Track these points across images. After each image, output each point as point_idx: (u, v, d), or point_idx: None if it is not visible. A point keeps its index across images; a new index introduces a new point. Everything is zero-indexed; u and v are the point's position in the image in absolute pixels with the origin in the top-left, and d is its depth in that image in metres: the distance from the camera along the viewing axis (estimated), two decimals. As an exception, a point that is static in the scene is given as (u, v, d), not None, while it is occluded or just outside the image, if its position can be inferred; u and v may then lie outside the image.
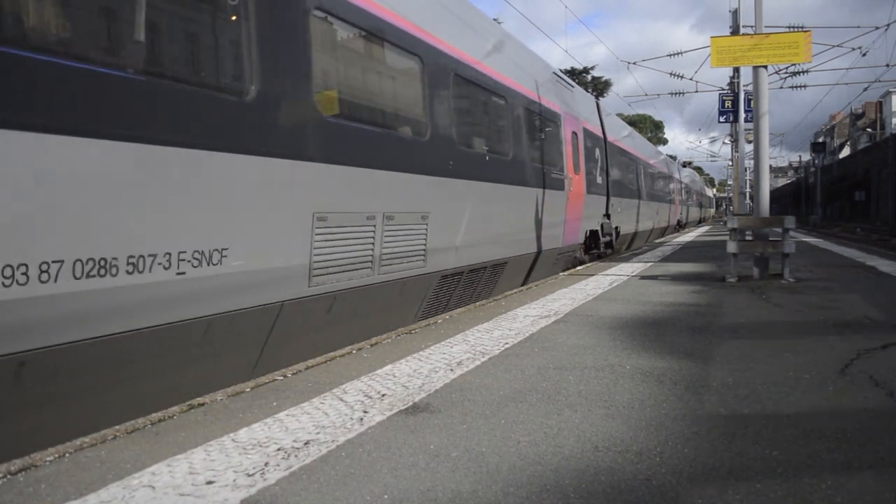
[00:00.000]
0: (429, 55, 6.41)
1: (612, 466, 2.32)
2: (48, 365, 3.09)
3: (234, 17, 4.10)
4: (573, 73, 43.71)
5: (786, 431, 2.65)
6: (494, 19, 9.77)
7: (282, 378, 3.69)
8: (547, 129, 10.16)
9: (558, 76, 12.09)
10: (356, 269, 5.20)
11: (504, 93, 8.47)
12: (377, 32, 5.65)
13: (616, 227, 14.77)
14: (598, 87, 49.04)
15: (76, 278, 3.03)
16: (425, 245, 6.25)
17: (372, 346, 4.58)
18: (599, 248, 13.38)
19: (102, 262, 3.16)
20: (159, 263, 3.46)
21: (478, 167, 7.42)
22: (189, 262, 3.64)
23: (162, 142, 3.50)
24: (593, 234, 12.98)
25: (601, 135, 14.12)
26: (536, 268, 9.91)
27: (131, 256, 3.30)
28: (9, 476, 2.31)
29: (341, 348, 4.51)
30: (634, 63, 23.17)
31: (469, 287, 7.63)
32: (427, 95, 6.39)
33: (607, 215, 13.99)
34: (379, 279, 5.54)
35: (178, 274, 3.57)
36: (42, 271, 2.89)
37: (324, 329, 5.11)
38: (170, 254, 3.52)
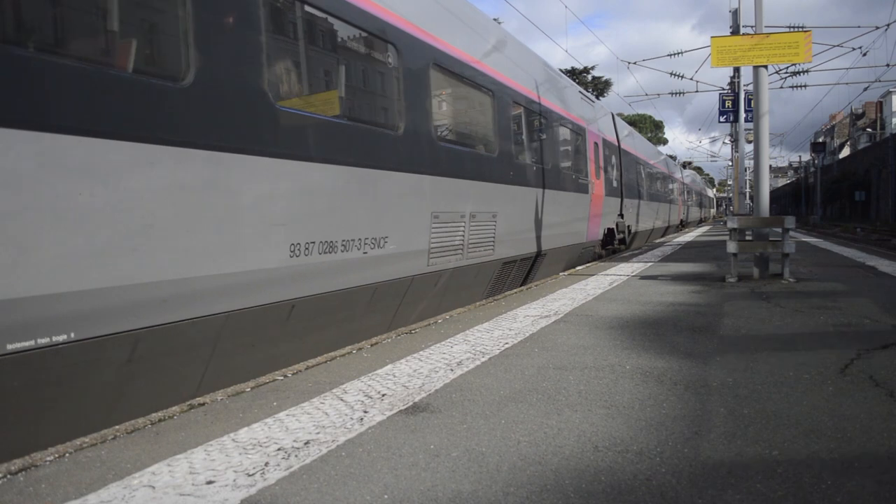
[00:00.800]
0: (500, 91, 8.41)
1: (612, 466, 2.32)
2: (307, 309, 4.83)
3: (395, 90, 6.06)
4: (573, 73, 43.70)
5: (786, 431, 2.65)
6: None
7: (282, 378, 3.69)
8: (576, 142, 12.11)
9: (583, 94, 13.92)
10: (453, 255, 7.00)
11: (547, 115, 10.34)
12: (481, 84, 7.93)
13: (628, 226, 16.32)
14: (598, 87, 49.02)
15: (319, 254, 4.78)
16: (494, 238, 7.96)
17: (372, 346, 4.58)
18: (614, 243, 14.91)
19: (331, 244, 4.91)
20: (355, 246, 5.21)
21: (528, 176, 9.25)
22: (369, 244, 5.37)
23: (363, 164, 5.37)
24: (609, 231, 14.53)
25: (616, 143, 15.77)
26: (566, 259, 11.67)
27: (344, 240, 5.05)
28: (9, 476, 2.31)
29: (441, 314, 6.16)
30: (634, 63, 23.18)
31: (520, 272, 9.47)
32: (496, 120, 8.22)
33: (621, 214, 15.58)
34: (465, 263, 7.30)
35: (363, 253, 5.31)
36: (306, 249, 4.66)
37: (431, 299, 6.84)
38: (361, 239, 5.26)
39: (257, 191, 4.21)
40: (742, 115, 19.34)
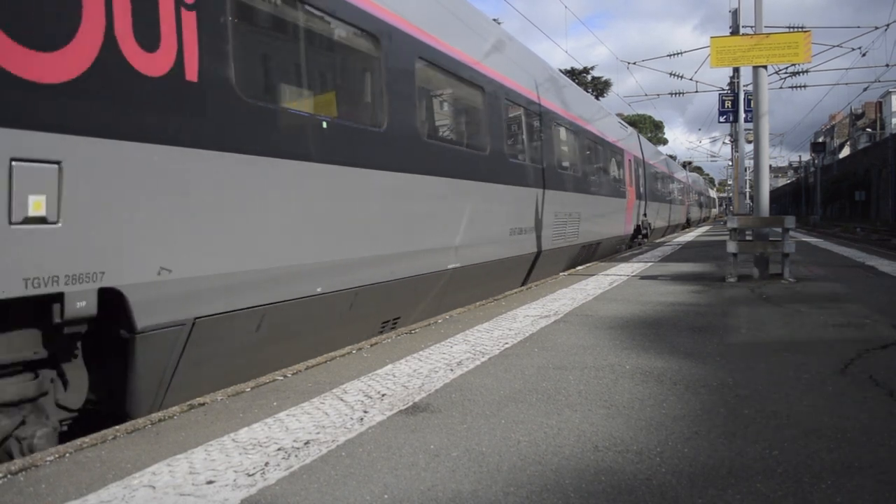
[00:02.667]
0: (585, 134, 12.72)
1: (613, 466, 2.32)
2: (513, 264, 8.58)
3: (519, 127, 9.47)
4: (573, 74, 43.68)
5: (786, 431, 2.65)
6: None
7: (282, 378, 3.69)
8: (618, 161, 16.01)
9: (620, 122, 18.70)
10: (559, 238, 10.50)
11: (604, 144, 14.40)
12: (579, 131, 12.27)
13: (649, 223, 20.56)
14: (598, 88, 49.01)
15: (519, 234, 8.47)
16: (577, 230, 11.65)
17: (372, 346, 4.58)
18: (639, 237, 19.04)
19: (519, 229, 8.44)
20: (515, 231, 8.34)
21: (595, 186, 13.17)
22: (528, 231, 8.86)
23: (527, 185, 9.01)
24: (636, 227, 18.60)
25: (641, 158, 19.78)
26: (614, 246, 15.77)
27: (513, 229, 8.25)
28: (9, 476, 2.31)
29: (544, 277, 9.53)
30: (634, 63, 23.19)
31: (589, 253, 13.19)
32: (582, 151, 12.43)
33: (644, 214, 19.81)
34: (565, 244, 10.96)
35: (518, 235, 8.53)
36: (515, 231, 8.32)
37: (547, 267, 10.20)
38: (526, 227, 8.76)
39: (497, 198, 7.88)
40: (742, 115, 19.35)
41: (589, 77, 49.49)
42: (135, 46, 3.27)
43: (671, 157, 41.88)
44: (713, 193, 79.71)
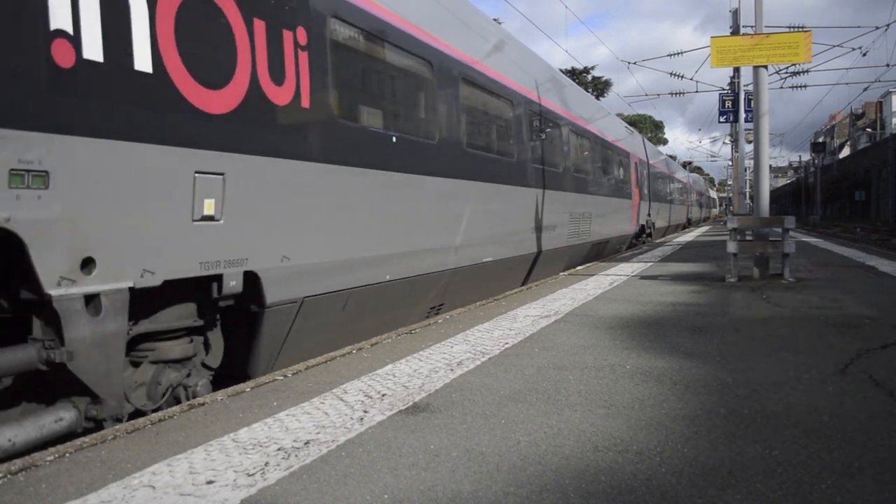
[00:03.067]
0: (599, 141, 14.04)
1: (612, 466, 2.32)
2: (551, 256, 10.38)
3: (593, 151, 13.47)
4: (573, 74, 43.66)
5: (786, 431, 2.65)
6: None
7: (282, 378, 3.69)
8: (625, 164, 17.07)
9: (627, 126, 19.68)
10: (574, 237, 11.56)
11: (614, 149, 15.65)
12: (595, 140, 13.75)
13: (653, 223, 21.58)
14: (598, 87, 48.98)
15: (536, 232, 9.40)
16: (589, 228, 12.65)
17: (372, 346, 4.58)
18: (643, 236, 20.02)
19: (554, 227, 10.11)
20: (535, 230, 9.22)
21: (605, 188, 14.29)
22: (551, 229, 9.91)
23: (542, 188, 9.71)
24: (641, 226, 19.53)
25: (646, 160, 20.83)
26: (620, 243, 16.75)
27: (533, 227, 9.06)
28: (9, 476, 2.31)
29: (567, 269, 11.02)
30: (634, 63, 23.17)
31: (598, 250, 14.14)
32: (593, 156, 13.55)
33: (648, 214, 20.66)
34: (578, 241, 11.95)
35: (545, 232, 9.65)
36: (534, 230, 9.31)
37: (557, 264, 11.01)
38: (554, 225, 10.07)
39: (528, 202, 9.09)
40: (742, 115, 19.35)
41: (589, 77, 49.45)
42: (269, 82, 4.16)
43: (671, 157, 42.04)
44: (713, 194, 79.92)
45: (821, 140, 67.06)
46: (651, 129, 65.38)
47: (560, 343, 4.53)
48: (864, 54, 21.95)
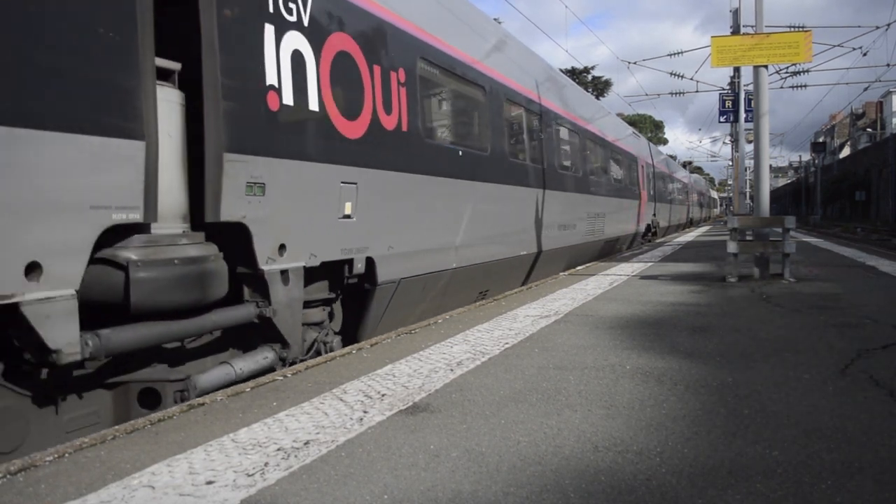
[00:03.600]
0: (608, 146, 15.04)
1: (612, 466, 2.32)
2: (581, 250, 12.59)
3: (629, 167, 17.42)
4: (573, 73, 43.64)
5: (786, 431, 2.65)
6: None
7: (282, 378, 3.69)
8: (633, 167, 18.40)
9: (634, 132, 21.26)
10: (590, 235, 12.83)
11: (623, 154, 17.03)
12: (610, 146, 15.51)
13: (658, 222, 23.10)
14: (598, 87, 48.97)
15: (562, 230, 10.83)
16: (603, 227, 13.97)
17: (372, 345, 4.58)
18: (649, 235, 21.38)
19: (563, 225, 10.71)
20: (561, 227, 10.57)
21: (617, 190, 15.61)
22: (571, 227, 11.30)
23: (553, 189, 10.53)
24: (647, 226, 21.04)
25: (651, 163, 22.05)
26: (629, 241, 18.24)
27: (560, 225, 10.48)
28: (9, 476, 2.31)
29: (584, 264, 11.93)
30: (634, 63, 23.18)
31: (610, 247, 15.43)
32: (605, 160, 14.74)
33: (654, 214, 22.22)
34: (594, 239, 13.33)
35: (563, 231, 10.77)
36: (560, 227, 10.62)
37: (578, 258, 12.30)
38: (564, 224, 10.82)
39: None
40: (742, 115, 19.36)
41: (589, 77, 49.46)
42: (383, 113, 5.45)
43: (671, 156, 42.19)
44: (714, 194, 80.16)
45: (821, 140, 67.07)
46: (651, 128, 65.36)
47: (560, 343, 4.52)
48: (865, 54, 21.98)
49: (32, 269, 2.78)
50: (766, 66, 8.72)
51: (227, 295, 3.88)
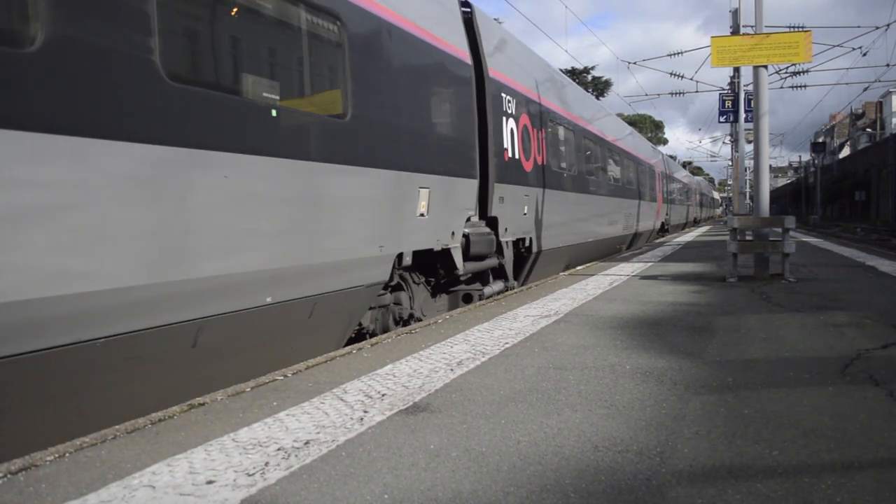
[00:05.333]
0: (640, 162, 19.74)
1: (612, 466, 2.32)
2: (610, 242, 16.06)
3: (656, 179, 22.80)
4: (573, 73, 43.64)
5: (786, 431, 2.65)
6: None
7: (282, 378, 3.69)
8: (651, 175, 21.89)
9: (651, 145, 26.29)
10: (627, 229, 16.97)
11: (645, 165, 20.63)
12: (638, 160, 19.73)
13: (669, 221, 27.26)
14: (598, 87, 48.96)
15: (611, 225, 15.16)
16: (632, 224, 17.36)
17: (372, 345, 4.58)
18: (662, 232, 25.10)
19: (610, 221, 14.71)
20: (611, 223, 14.83)
21: (641, 195, 18.93)
22: (610, 224, 14.76)
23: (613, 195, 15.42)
24: (661, 224, 24.49)
25: (664, 170, 25.92)
26: (648, 236, 21.68)
27: (608, 221, 14.58)
28: (9, 476, 2.31)
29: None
30: (635, 63, 23.19)
31: (635, 240, 18.56)
32: (636, 172, 18.71)
33: (667, 214, 26.30)
34: (622, 233, 16.42)
35: (610, 226, 14.92)
36: (610, 223, 14.83)
37: (629, 241, 17.72)
38: (611, 221, 14.93)
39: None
40: (742, 115, 19.33)
41: (589, 77, 49.45)
42: (536, 154, 9.01)
43: (671, 156, 42.39)
44: (716, 195, 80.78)
45: (821, 140, 67.05)
46: (651, 128, 65.33)
47: (560, 343, 4.53)
48: (865, 54, 21.97)
49: (453, 234, 6.59)
50: (765, 67, 8.73)
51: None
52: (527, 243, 8.80)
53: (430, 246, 6.18)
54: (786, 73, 23.91)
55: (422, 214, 5.96)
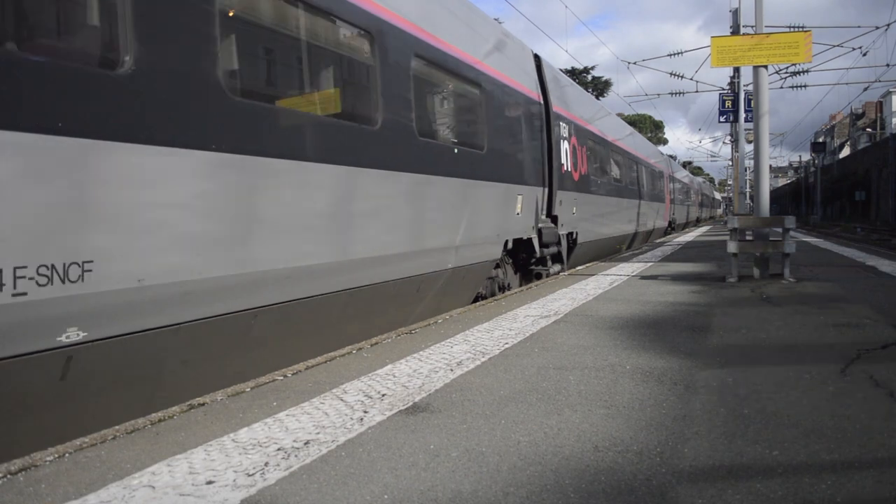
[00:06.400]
0: (653, 168, 23.24)
1: (612, 466, 2.32)
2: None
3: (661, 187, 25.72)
4: (573, 73, 43.65)
5: (786, 431, 2.65)
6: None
7: (282, 378, 3.69)
8: (661, 178, 24.66)
9: (660, 152, 29.55)
10: (645, 226, 20.05)
11: (657, 170, 23.33)
12: (652, 167, 23.65)
13: (675, 219, 29.86)
14: (598, 87, 48.98)
15: (634, 222, 18.70)
16: (654, 221, 22.06)
17: (372, 345, 4.58)
18: (671, 230, 27.93)
19: (631, 220, 17.78)
20: (632, 221, 17.92)
21: (654, 197, 21.72)
22: (629, 221, 17.54)
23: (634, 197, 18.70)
24: (669, 222, 27.31)
25: (671, 174, 28.91)
26: (659, 233, 24.17)
27: (629, 220, 17.43)
28: (9, 476, 2.31)
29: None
30: (634, 63, 23.19)
31: (647, 237, 20.86)
32: (651, 178, 22.15)
33: (673, 213, 28.97)
34: (645, 228, 20.26)
35: (630, 223, 17.88)
36: (631, 221, 18.01)
37: (648, 235, 21.57)
38: (633, 219, 17.99)
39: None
40: (742, 115, 19.34)
41: (589, 77, 49.46)
42: (581, 166, 11.62)
43: (672, 156, 42.49)
44: (718, 195, 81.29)
45: (821, 140, 67.05)
46: (650, 128, 65.34)
47: (560, 343, 4.52)
48: (865, 54, 21.99)
49: (533, 227, 8.94)
50: (765, 67, 8.72)
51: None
52: (574, 235, 10.98)
53: (522, 235, 8.69)
54: (786, 73, 23.93)
55: (518, 213, 8.48)
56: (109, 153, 3.10)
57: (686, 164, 58.40)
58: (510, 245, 8.25)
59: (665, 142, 70.78)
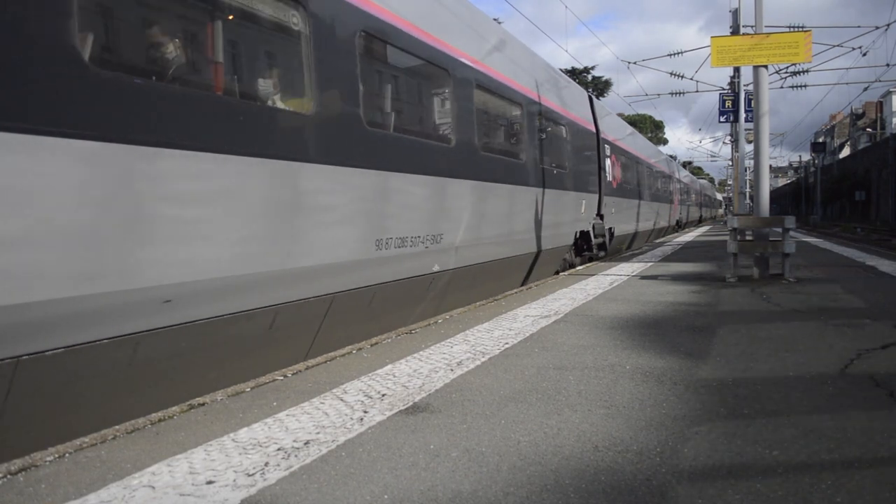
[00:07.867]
0: (664, 174, 27.47)
1: (612, 466, 2.32)
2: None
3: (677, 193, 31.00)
4: (574, 73, 43.65)
5: (786, 431, 2.65)
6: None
7: (282, 378, 3.69)
8: (671, 181, 28.04)
9: (667, 157, 31.84)
10: (657, 224, 23.30)
11: (667, 174, 27.14)
12: (664, 173, 28.45)
13: (680, 218, 32.55)
14: (598, 87, 48.98)
15: (653, 220, 22.90)
16: (667, 219, 26.36)
17: (372, 345, 4.58)
18: (678, 227, 30.86)
19: (653, 218, 22.39)
20: (654, 217, 22.79)
21: (663, 199, 25.23)
22: (647, 219, 21.10)
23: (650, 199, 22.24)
24: (677, 221, 30.34)
25: (678, 177, 32.01)
26: (670, 229, 27.66)
27: (654, 219, 22.72)
28: (9, 476, 2.31)
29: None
30: (635, 63, 23.19)
31: (659, 234, 24.69)
32: (664, 182, 26.80)
33: (679, 213, 31.59)
34: (645, 228, 20.93)
35: (648, 221, 21.47)
36: (652, 218, 22.41)
37: (656, 234, 24.38)
38: (653, 219, 22.41)
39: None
40: (742, 114, 19.32)
41: (589, 77, 49.46)
42: (617, 174, 15.43)
43: (672, 156, 42.61)
44: (719, 196, 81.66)
45: (821, 140, 67.07)
46: (651, 128, 65.32)
47: (560, 343, 4.53)
48: (865, 54, 21.97)
49: (589, 222, 12.55)
50: (765, 66, 8.72)
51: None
52: (612, 230, 14.07)
53: (583, 228, 12.16)
54: (786, 72, 23.92)
55: (583, 212, 11.96)
56: (308, 170, 4.69)
57: (686, 164, 58.45)
58: (577, 235, 11.83)
59: (665, 142, 70.82)
